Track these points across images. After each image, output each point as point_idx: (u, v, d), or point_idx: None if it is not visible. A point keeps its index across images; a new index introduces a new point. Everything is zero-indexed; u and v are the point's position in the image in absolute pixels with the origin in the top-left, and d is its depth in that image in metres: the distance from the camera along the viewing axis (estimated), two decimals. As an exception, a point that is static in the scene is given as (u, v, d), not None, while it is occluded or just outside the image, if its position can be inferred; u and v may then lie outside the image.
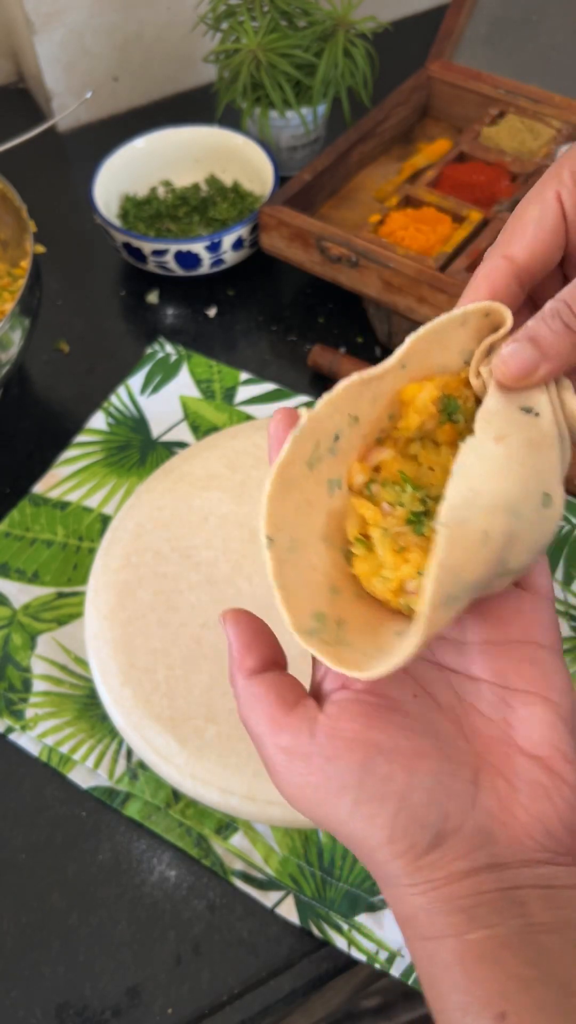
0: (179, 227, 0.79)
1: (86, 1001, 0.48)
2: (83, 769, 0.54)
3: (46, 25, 0.84)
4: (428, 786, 0.28)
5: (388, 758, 0.28)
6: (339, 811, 0.28)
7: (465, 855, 0.28)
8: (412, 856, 0.28)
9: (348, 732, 0.28)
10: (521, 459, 0.28)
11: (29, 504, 0.64)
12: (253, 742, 0.30)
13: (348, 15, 0.76)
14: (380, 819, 0.28)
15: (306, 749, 0.28)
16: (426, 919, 0.28)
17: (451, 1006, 0.27)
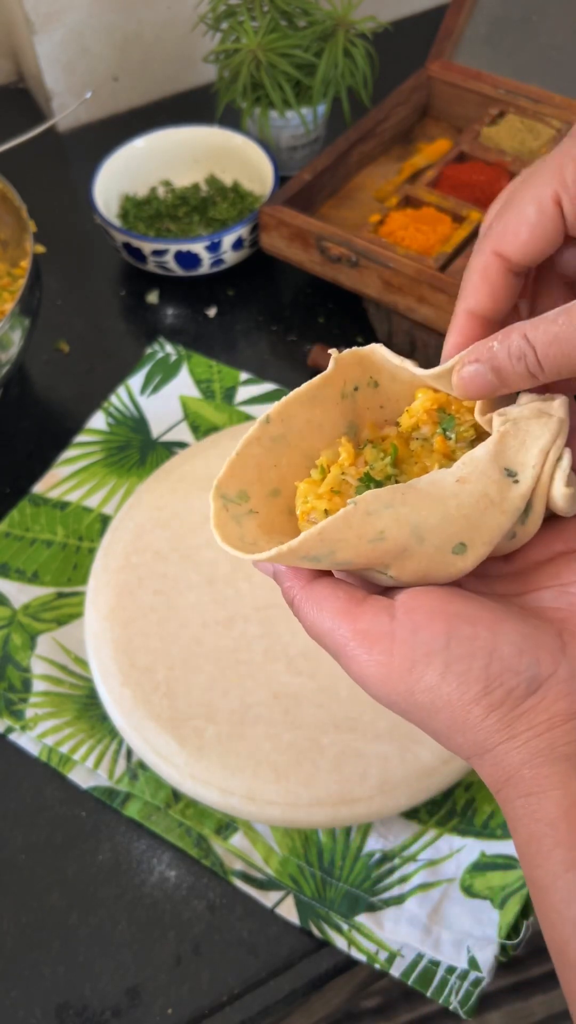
0: (179, 227, 0.79)
1: (86, 1001, 0.48)
2: (83, 769, 0.54)
3: (46, 25, 0.84)
4: (514, 640, 0.28)
5: (472, 623, 0.28)
6: (429, 677, 0.28)
7: (564, 696, 0.28)
8: (510, 705, 0.28)
9: (427, 605, 0.28)
10: (463, 505, 0.29)
11: (29, 504, 0.64)
12: (325, 644, 0.30)
13: (348, 15, 0.76)
14: (473, 673, 0.28)
15: (387, 628, 0.28)
16: (530, 773, 0.27)
17: (554, 862, 0.27)
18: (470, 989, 0.47)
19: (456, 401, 0.32)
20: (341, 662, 0.30)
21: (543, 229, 0.29)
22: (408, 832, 0.51)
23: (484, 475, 0.29)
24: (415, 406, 0.32)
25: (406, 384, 0.33)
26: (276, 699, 0.53)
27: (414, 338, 0.69)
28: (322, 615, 0.29)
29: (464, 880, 0.50)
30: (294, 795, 0.50)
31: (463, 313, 0.31)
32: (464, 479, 0.29)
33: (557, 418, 0.29)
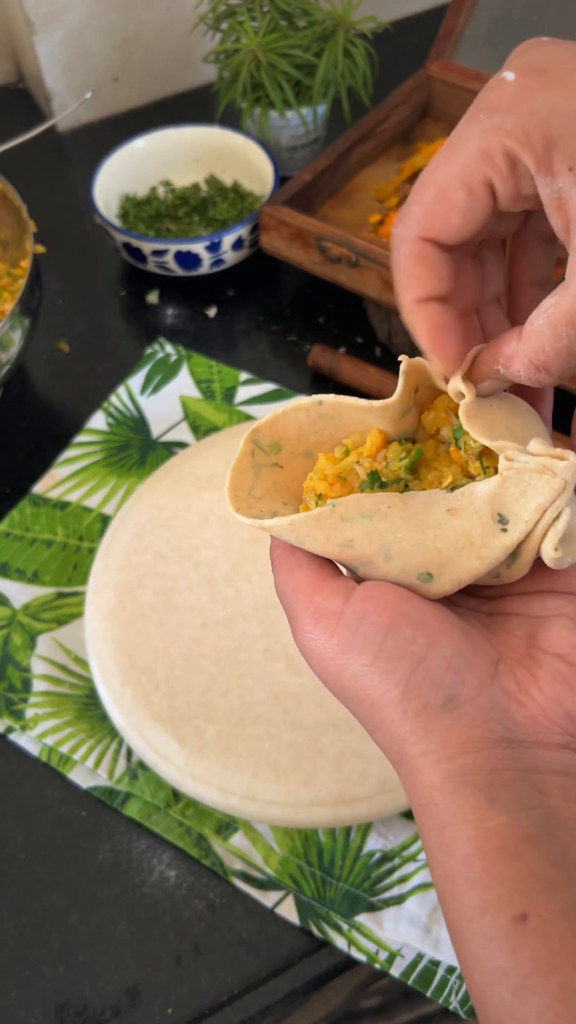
0: (179, 227, 0.79)
1: (86, 1001, 0.48)
2: (83, 769, 0.54)
3: (46, 25, 0.84)
4: (448, 654, 0.28)
5: (414, 626, 0.28)
6: (357, 666, 0.28)
7: (481, 723, 0.28)
8: (426, 716, 0.28)
9: (381, 599, 0.28)
10: (440, 537, 0.29)
11: (29, 504, 0.64)
12: (284, 607, 0.31)
13: (348, 15, 0.76)
14: (396, 675, 0.28)
15: (338, 609, 0.29)
16: (442, 800, 0.27)
17: (467, 904, 0.26)
18: (470, 989, 0.47)
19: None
20: (292, 628, 0.30)
21: (474, 212, 0.27)
22: (408, 832, 0.51)
23: (475, 513, 0.29)
24: (439, 404, 0.32)
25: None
26: (276, 699, 0.53)
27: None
28: (288, 580, 0.30)
29: (464, 880, 0.50)
30: (294, 795, 0.50)
31: (414, 304, 0.30)
32: (455, 511, 0.29)
33: (561, 479, 0.28)
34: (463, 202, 0.27)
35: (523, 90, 0.25)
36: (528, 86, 0.25)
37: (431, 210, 0.28)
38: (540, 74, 0.26)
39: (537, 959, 0.24)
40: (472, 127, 0.27)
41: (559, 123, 0.25)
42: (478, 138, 0.26)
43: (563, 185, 0.25)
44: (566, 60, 0.26)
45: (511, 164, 0.26)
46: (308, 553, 0.30)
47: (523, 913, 0.25)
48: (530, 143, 0.25)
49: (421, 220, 0.28)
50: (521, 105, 0.25)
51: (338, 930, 0.49)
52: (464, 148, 0.27)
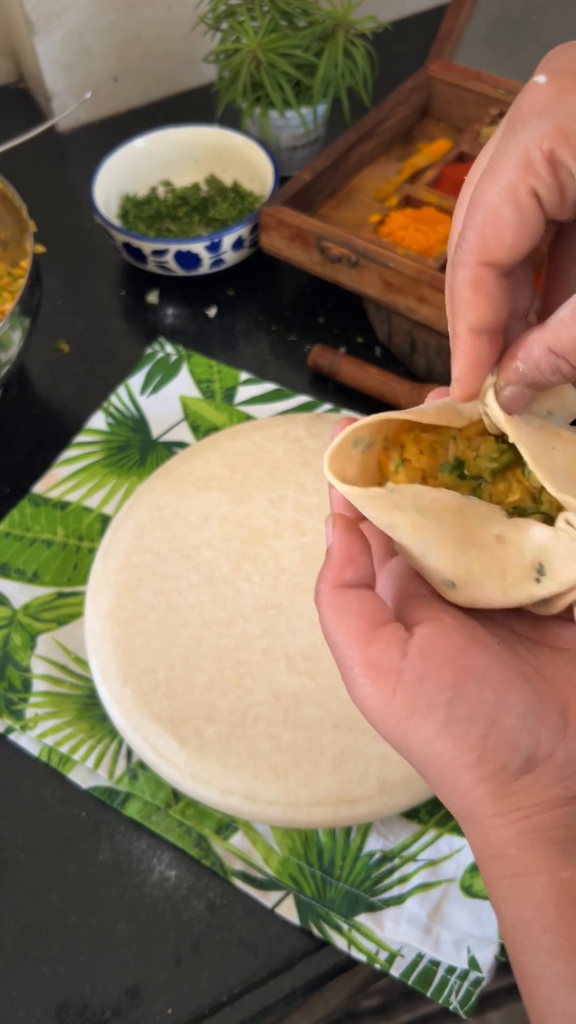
0: (179, 227, 0.79)
1: (86, 1001, 0.48)
2: (83, 769, 0.54)
3: (46, 25, 0.84)
4: (519, 712, 0.27)
5: (480, 682, 0.27)
6: (426, 730, 0.27)
7: (558, 782, 0.27)
8: (502, 780, 0.27)
9: (441, 653, 0.27)
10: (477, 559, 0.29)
11: (29, 504, 0.64)
12: (334, 655, 0.29)
13: (348, 15, 0.76)
14: (470, 739, 0.27)
15: (396, 665, 0.27)
16: (517, 853, 0.27)
17: (541, 948, 0.26)
18: (470, 989, 0.47)
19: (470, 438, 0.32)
20: (344, 681, 0.29)
21: (526, 227, 0.27)
22: (408, 832, 0.51)
23: (519, 553, 0.29)
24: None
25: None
26: (276, 699, 0.53)
27: (414, 338, 0.69)
28: (339, 628, 0.29)
29: (464, 880, 0.50)
30: (294, 795, 0.50)
31: (467, 333, 0.29)
32: (503, 541, 0.29)
33: None
34: (514, 218, 0.27)
35: (556, 92, 0.25)
36: (561, 87, 0.25)
37: (484, 232, 0.27)
38: (572, 75, 0.25)
39: None
40: (510, 140, 0.26)
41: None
42: (517, 149, 0.26)
43: None
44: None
45: (552, 169, 0.26)
46: (357, 595, 0.29)
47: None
48: (568, 142, 0.25)
49: (477, 245, 0.27)
50: (555, 107, 0.25)
51: (338, 930, 0.49)
52: (505, 163, 0.26)
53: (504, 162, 0.26)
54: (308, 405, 0.68)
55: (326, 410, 0.68)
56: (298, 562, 0.58)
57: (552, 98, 0.25)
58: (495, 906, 0.28)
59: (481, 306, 0.28)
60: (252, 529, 0.59)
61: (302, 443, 0.62)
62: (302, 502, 0.60)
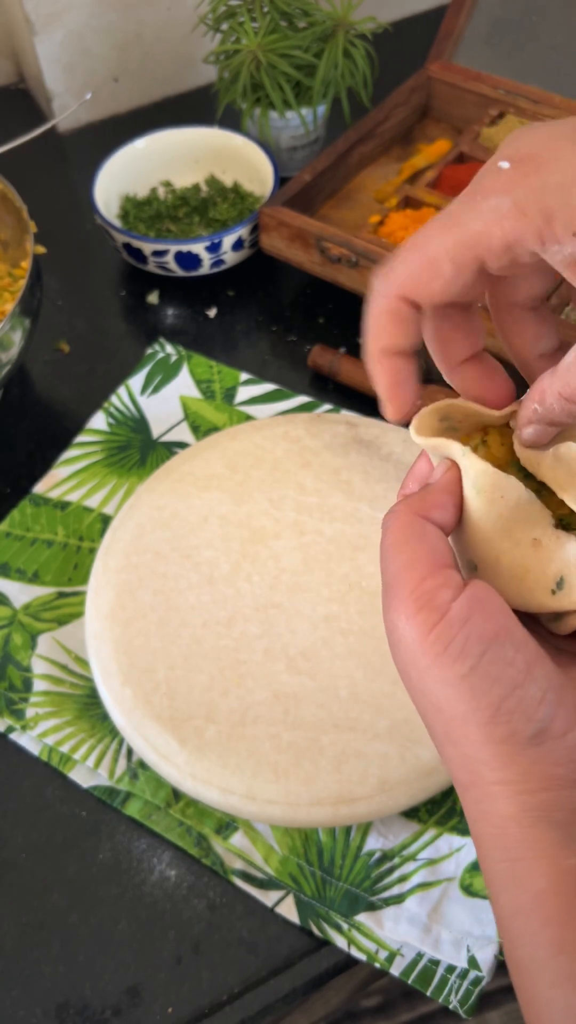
0: (179, 228, 0.79)
1: (86, 1000, 0.48)
2: (83, 768, 0.54)
3: (46, 26, 0.84)
4: (544, 686, 0.27)
5: (516, 646, 0.27)
6: (451, 673, 0.27)
7: (566, 762, 0.27)
8: (510, 745, 0.27)
9: (490, 608, 0.28)
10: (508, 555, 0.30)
11: (30, 504, 0.64)
12: (385, 578, 0.29)
13: (348, 16, 0.76)
14: (491, 696, 0.27)
15: (446, 604, 0.28)
16: (518, 832, 0.26)
17: (541, 942, 0.25)
18: (470, 988, 0.47)
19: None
20: (386, 604, 0.29)
21: (456, 286, 0.28)
22: (408, 831, 0.51)
23: (547, 562, 0.29)
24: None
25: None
26: (276, 699, 0.53)
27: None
28: (404, 550, 0.29)
29: (464, 879, 0.50)
30: (294, 794, 0.50)
31: (379, 354, 0.31)
32: (539, 544, 0.29)
33: None
34: (449, 274, 0.28)
35: (517, 174, 0.27)
36: (521, 170, 0.27)
37: (415, 274, 0.29)
38: (531, 159, 0.27)
39: None
40: (469, 206, 0.28)
41: (553, 196, 0.26)
42: (475, 220, 0.27)
43: (573, 250, 0.26)
44: (555, 141, 0.27)
45: (506, 246, 0.27)
46: (436, 529, 0.29)
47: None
48: (528, 220, 0.26)
49: (403, 281, 0.29)
50: (515, 188, 0.26)
51: (338, 929, 0.49)
52: (460, 226, 0.28)
53: (458, 226, 0.28)
54: (308, 405, 0.68)
55: (326, 410, 0.68)
56: (298, 562, 0.58)
57: (512, 179, 0.27)
58: (492, 894, 0.27)
59: (394, 332, 0.30)
60: (252, 529, 0.59)
61: (302, 443, 0.63)
62: (302, 502, 0.60)
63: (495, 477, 0.30)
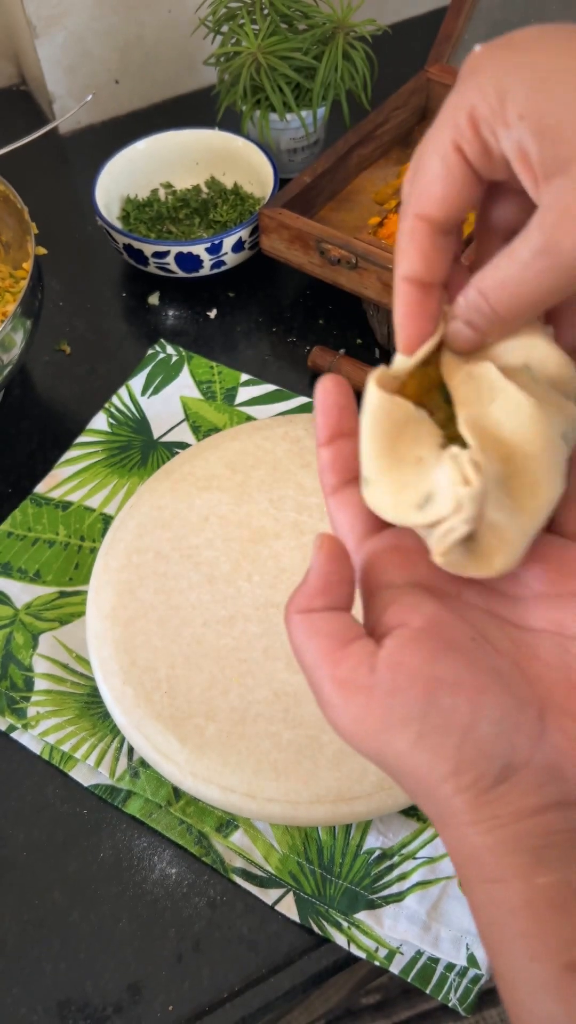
0: (180, 229, 0.79)
1: (87, 998, 0.48)
2: (84, 767, 0.54)
3: (48, 28, 0.84)
4: (495, 718, 0.27)
5: (452, 691, 0.27)
6: (400, 743, 0.27)
7: (534, 790, 0.27)
8: (478, 790, 0.27)
9: (410, 665, 0.27)
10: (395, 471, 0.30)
11: (31, 504, 0.64)
12: (307, 676, 0.29)
13: (348, 18, 0.76)
14: (445, 750, 0.27)
15: (366, 682, 0.27)
16: (492, 859, 0.27)
17: (516, 953, 0.26)
18: (469, 986, 0.47)
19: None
20: (317, 701, 0.29)
21: (453, 179, 0.28)
22: (407, 829, 0.52)
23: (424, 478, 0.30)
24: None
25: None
26: (276, 697, 0.53)
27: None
28: (308, 648, 0.29)
29: (463, 877, 0.50)
30: (294, 793, 0.50)
31: (401, 281, 0.30)
32: (421, 462, 0.30)
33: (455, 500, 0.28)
34: (441, 172, 0.28)
35: (486, 58, 0.27)
36: (491, 54, 0.27)
37: (419, 187, 0.28)
38: (505, 44, 0.27)
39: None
40: (446, 103, 0.28)
41: (511, 75, 0.26)
42: (446, 110, 0.27)
43: (519, 136, 0.26)
44: (536, 34, 0.27)
45: (473, 124, 0.27)
46: (325, 614, 0.29)
47: (572, 960, 0.25)
48: (486, 98, 0.26)
49: (413, 199, 0.29)
50: (483, 70, 0.26)
51: (338, 927, 0.49)
52: (437, 123, 0.28)
53: (437, 122, 0.28)
54: (308, 406, 0.69)
55: (326, 411, 0.68)
56: (298, 562, 0.58)
57: (481, 62, 0.27)
58: (472, 908, 0.28)
59: (413, 256, 0.29)
60: (252, 529, 0.59)
61: (302, 443, 0.63)
62: (302, 502, 0.60)
63: (380, 399, 0.30)
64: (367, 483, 0.31)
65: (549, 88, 0.25)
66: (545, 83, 0.25)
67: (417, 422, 0.30)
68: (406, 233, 0.29)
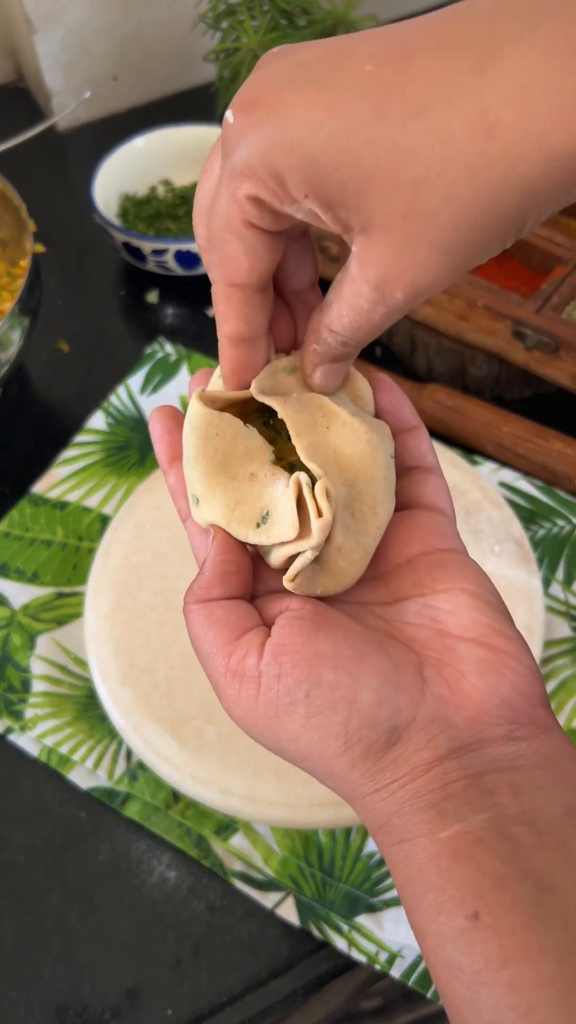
0: (179, 226, 0.79)
1: (86, 1002, 0.48)
2: (83, 770, 0.54)
3: (46, 24, 0.84)
4: (374, 686, 0.28)
5: (332, 665, 0.28)
6: (292, 727, 0.28)
7: (425, 744, 0.28)
8: (372, 759, 0.28)
9: (291, 648, 0.28)
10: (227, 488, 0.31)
11: (28, 504, 0.64)
12: (204, 668, 0.30)
13: (348, 14, 0.76)
14: (333, 728, 0.28)
15: (254, 671, 0.28)
16: (399, 823, 0.28)
17: (425, 906, 0.27)
18: (470, 990, 0.47)
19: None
20: (216, 693, 0.30)
21: (254, 249, 0.28)
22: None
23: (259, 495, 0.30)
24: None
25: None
26: (276, 699, 0.53)
27: (415, 338, 0.69)
28: (205, 639, 0.30)
29: (464, 881, 0.50)
30: (294, 795, 0.50)
31: (225, 339, 0.32)
32: (254, 478, 0.31)
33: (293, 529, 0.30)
34: (239, 245, 0.28)
35: (241, 130, 0.26)
36: (245, 125, 0.25)
37: (222, 261, 0.29)
38: (254, 107, 0.25)
39: (489, 954, 0.25)
40: (221, 174, 0.27)
41: (280, 160, 0.25)
42: (224, 186, 0.27)
43: (310, 207, 0.26)
44: (280, 81, 0.25)
45: (259, 205, 0.27)
46: (223, 603, 0.30)
47: (475, 911, 0.26)
48: (264, 185, 0.26)
49: (220, 270, 0.29)
50: (242, 146, 0.26)
51: (338, 931, 0.49)
52: (220, 197, 0.27)
53: (219, 200, 0.27)
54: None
55: (326, 410, 0.67)
56: (298, 562, 0.57)
57: (239, 136, 0.26)
58: (390, 871, 0.29)
59: (233, 319, 0.31)
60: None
61: (302, 443, 0.62)
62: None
63: (209, 416, 0.31)
64: (197, 503, 0.31)
65: (322, 167, 0.25)
66: (317, 161, 0.25)
67: (247, 438, 0.31)
68: (221, 299, 0.30)
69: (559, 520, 0.62)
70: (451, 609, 0.30)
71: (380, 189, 0.24)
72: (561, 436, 0.63)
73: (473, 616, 0.30)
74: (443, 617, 0.30)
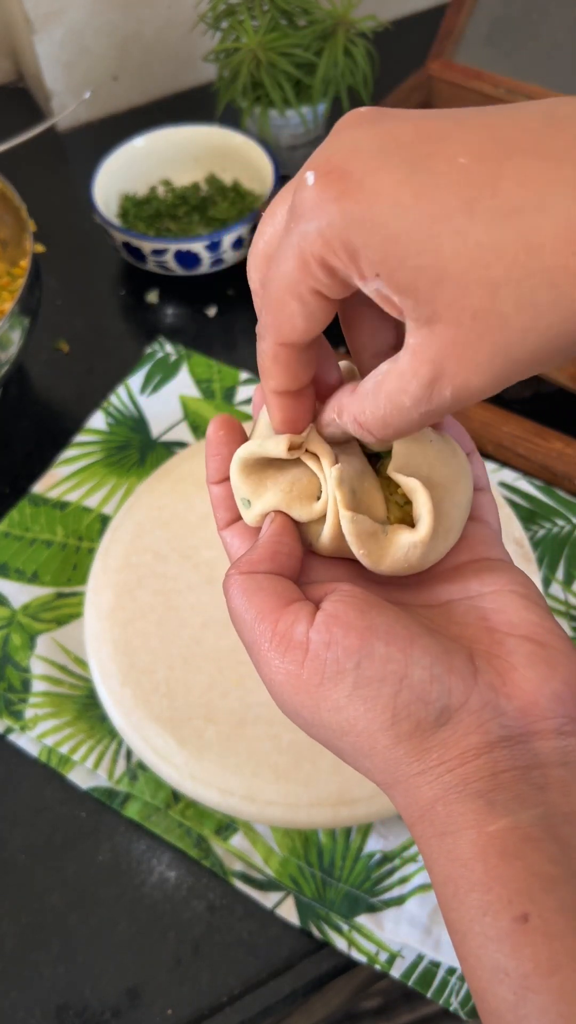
0: (179, 226, 0.79)
1: (86, 1002, 0.48)
2: (82, 770, 0.54)
3: (46, 24, 0.84)
4: (427, 664, 0.27)
5: (386, 640, 0.28)
6: (337, 696, 0.27)
7: (476, 728, 0.27)
8: (420, 736, 0.27)
9: (344, 619, 0.28)
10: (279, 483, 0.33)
11: (28, 504, 0.64)
12: (243, 637, 0.30)
13: (348, 14, 0.76)
14: (382, 699, 0.27)
15: (304, 637, 0.28)
16: (444, 810, 0.27)
17: (470, 906, 0.26)
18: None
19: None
20: (253, 660, 0.29)
21: (313, 314, 0.28)
22: (408, 833, 0.51)
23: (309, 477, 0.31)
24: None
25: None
26: (276, 699, 0.53)
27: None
28: (249, 606, 0.29)
29: (464, 881, 0.50)
30: (294, 795, 0.50)
31: (272, 395, 0.31)
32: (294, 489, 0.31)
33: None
34: (301, 311, 0.28)
35: (321, 198, 0.25)
36: (325, 194, 0.25)
37: (278, 320, 0.28)
38: (338, 178, 0.25)
39: (538, 959, 0.24)
40: (290, 236, 0.27)
41: (356, 235, 0.25)
42: (293, 248, 0.26)
43: (378, 287, 0.25)
44: (368, 154, 0.25)
45: (329, 271, 0.26)
46: (267, 578, 0.30)
47: (524, 913, 0.25)
48: (336, 254, 0.25)
49: (273, 329, 0.29)
50: (321, 214, 0.25)
51: (338, 931, 0.49)
52: (285, 258, 0.27)
53: (284, 260, 0.27)
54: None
55: (326, 410, 0.67)
56: (298, 562, 0.57)
57: (317, 203, 0.25)
58: (427, 866, 0.28)
59: (280, 375, 0.30)
60: (252, 529, 0.59)
61: (302, 443, 0.62)
62: (302, 502, 0.60)
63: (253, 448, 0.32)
64: (248, 505, 0.32)
65: (400, 251, 0.24)
66: (396, 243, 0.24)
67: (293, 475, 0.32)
68: (270, 356, 0.29)
69: (559, 520, 0.62)
70: (499, 608, 0.30)
71: (455, 283, 0.24)
72: (561, 436, 0.63)
73: (522, 614, 0.29)
74: (491, 616, 0.30)
